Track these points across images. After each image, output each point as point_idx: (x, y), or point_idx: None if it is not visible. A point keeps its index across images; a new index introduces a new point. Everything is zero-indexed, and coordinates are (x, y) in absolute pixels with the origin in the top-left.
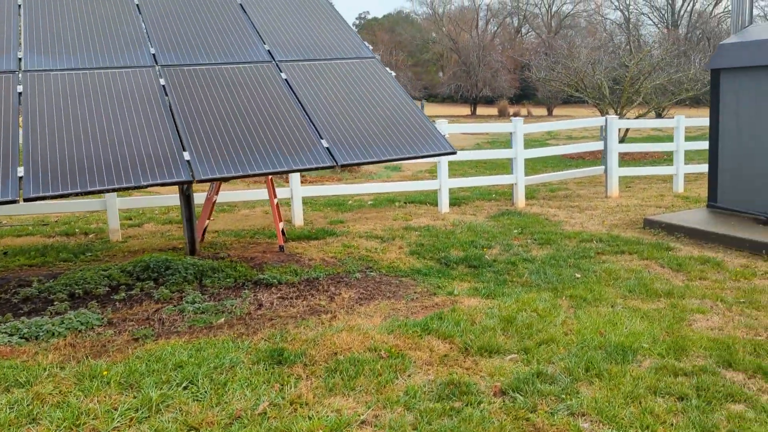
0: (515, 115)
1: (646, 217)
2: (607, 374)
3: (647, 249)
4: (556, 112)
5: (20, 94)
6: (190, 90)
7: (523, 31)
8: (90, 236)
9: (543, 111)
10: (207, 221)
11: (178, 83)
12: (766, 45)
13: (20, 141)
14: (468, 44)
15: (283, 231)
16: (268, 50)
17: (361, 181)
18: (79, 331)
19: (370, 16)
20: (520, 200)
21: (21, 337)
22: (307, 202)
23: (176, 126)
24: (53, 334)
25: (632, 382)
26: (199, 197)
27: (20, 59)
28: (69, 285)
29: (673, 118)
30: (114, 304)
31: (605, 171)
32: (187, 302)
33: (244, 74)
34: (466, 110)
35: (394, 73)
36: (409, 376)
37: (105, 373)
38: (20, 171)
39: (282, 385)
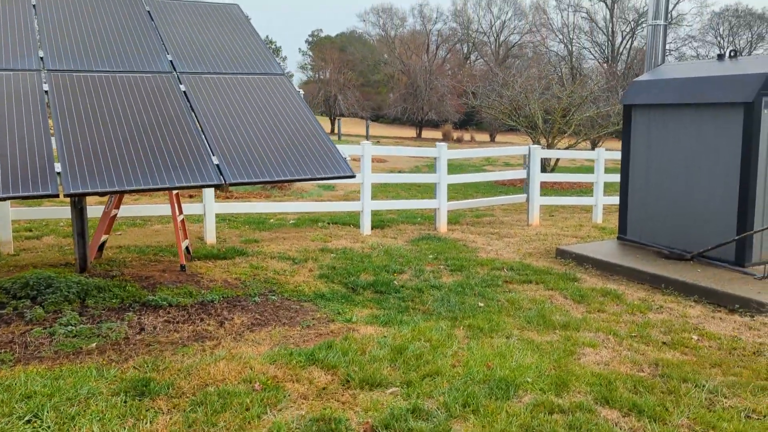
0: (458, 139)
1: (558, 247)
2: (484, 410)
3: (554, 279)
4: (498, 138)
5: None
6: (76, 98)
7: (473, 58)
8: None
9: (486, 137)
10: (105, 236)
11: (64, 90)
12: (672, 84)
13: None
14: (417, 67)
15: (188, 249)
16: (171, 61)
17: (290, 198)
18: None
19: (323, 34)
20: (443, 225)
21: None
22: (226, 219)
23: (52, 135)
24: None
25: (506, 420)
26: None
27: None
28: None
29: (603, 149)
30: None
31: (527, 199)
32: (60, 324)
33: (140, 84)
34: (411, 132)
35: (302, 92)
36: (279, 410)
37: None
38: None
39: (137, 421)
